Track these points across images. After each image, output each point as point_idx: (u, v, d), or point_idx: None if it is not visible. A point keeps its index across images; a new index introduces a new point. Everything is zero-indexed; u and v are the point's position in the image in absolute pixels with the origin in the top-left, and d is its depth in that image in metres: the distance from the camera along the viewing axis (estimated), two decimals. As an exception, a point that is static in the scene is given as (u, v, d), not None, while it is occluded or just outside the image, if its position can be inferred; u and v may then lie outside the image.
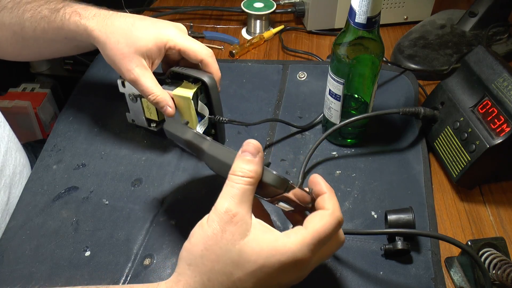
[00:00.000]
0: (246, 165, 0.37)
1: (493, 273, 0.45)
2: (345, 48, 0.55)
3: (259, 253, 0.34)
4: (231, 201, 0.36)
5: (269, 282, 0.35)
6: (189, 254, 0.36)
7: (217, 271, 0.35)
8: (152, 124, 0.63)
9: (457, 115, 0.59)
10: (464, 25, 0.81)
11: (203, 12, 0.96)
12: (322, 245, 0.36)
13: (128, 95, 0.61)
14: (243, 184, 0.36)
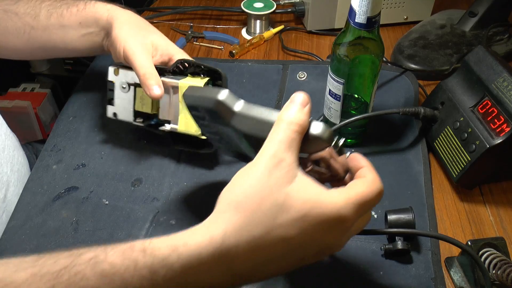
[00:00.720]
0: (295, 114, 0.36)
1: (493, 273, 0.45)
2: (345, 48, 0.55)
3: (304, 202, 0.33)
4: (279, 146, 0.34)
5: (311, 235, 0.33)
6: (231, 194, 0.35)
7: (261, 212, 0.33)
8: (138, 119, 0.59)
9: (457, 115, 0.59)
10: (464, 25, 0.81)
11: (203, 12, 0.96)
12: (364, 211, 0.35)
13: (121, 83, 0.58)
14: (292, 131, 0.35)
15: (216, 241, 0.33)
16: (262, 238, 0.32)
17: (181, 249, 0.33)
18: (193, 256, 0.33)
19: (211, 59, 0.82)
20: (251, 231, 0.33)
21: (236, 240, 0.32)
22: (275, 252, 0.33)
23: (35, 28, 0.59)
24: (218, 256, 0.33)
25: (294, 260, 0.35)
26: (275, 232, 0.32)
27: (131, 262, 0.33)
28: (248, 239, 0.33)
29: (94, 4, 0.58)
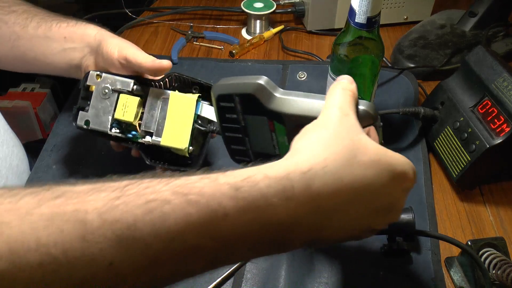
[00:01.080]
0: (347, 84, 0.36)
1: (493, 273, 0.45)
2: (345, 48, 0.55)
3: (378, 148, 0.33)
4: (343, 103, 0.34)
5: (383, 181, 0.32)
6: (306, 135, 0.33)
7: (343, 146, 0.32)
8: (114, 130, 0.54)
9: (457, 115, 0.59)
10: (464, 25, 0.81)
11: (203, 12, 0.96)
12: (412, 183, 0.35)
13: (102, 88, 0.53)
14: (348, 95, 0.35)
15: (304, 167, 0.30)
16: (346, 171, 0.31)
17: (267, 170, 0.30)
18: (280, 178, 0.30)
19: (211, 59, 0.82)
20: (336, 161, 0.31)
21: (323, 168, 0.30)
22: (356, 191, 0.31)
23: (21, 37, 0.58)
24: (306, 183, 0.30)
25: (369, 211, 0.33)
26: (356, 168, 0.31)
27: (211, 180, 0.29)
28: (334, 170, 0.30)
29: (85, 24, 0.58)
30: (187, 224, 0.27)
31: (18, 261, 0.24)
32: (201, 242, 0.28)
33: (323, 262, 0.51)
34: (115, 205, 0.27)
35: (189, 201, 0.28)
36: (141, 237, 0.26)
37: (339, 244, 0.52)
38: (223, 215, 0.28)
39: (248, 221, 0.29)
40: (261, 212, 0.29)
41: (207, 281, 0.49)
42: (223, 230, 0.28)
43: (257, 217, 0.29)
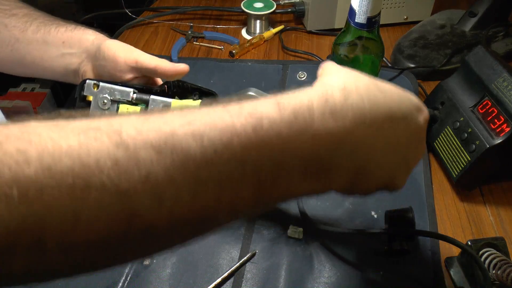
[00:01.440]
0: None
1: (493, 273, 0.45)
2: (345, 48, 0.55)
3: (397, 88, 0.33)
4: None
5: (407, 111, 0.33)
6: (323, 76, 0.32)
7: (365, 77, 0.31)
8: None
9: (457, 115, 0.59)
10: (464, 25, 0.81)
11: (203, 12, 0.96)
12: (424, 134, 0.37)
13: (101, 98, 0.53)
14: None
15: (339, 84, 0.30)
16: (373, 99, 0.30)
17: (299, 92, 0.29)
18: (319, 92, 0.29)
19: (211, 59, 0.82)
20: (363, 86, 0.30)
21: (356, 88, 0.30)
22: (390, 117, 0.31)
23: (20, 40, 0.58)
24: (345, 98, 0.29)
25: (399, 144, 0.33)
26: (381, 97, 0.31)
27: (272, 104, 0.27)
28: (369, 97, 0.30)
29: (84, 29, 0.58)
30: (232, 133, 0.25)
31: (47, 167, 0.22)
32: (246, 156, 0.25)
33: (323, 262, 0.51)
34: (150, 119, 0.25)
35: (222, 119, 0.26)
36: (180, 147, 0.24)
37: (339, 244, 0.52)
38: (268, 122, 0.26)
39: (296, 134, 0.27)
40: (309, 125, 0.27)
41: (207, 281, 0.49)
42: (272, 143, 0.26)
43: (304, 128, 0.27)
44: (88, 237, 0.23)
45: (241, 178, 0.26)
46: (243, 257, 0.52)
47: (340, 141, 0.29)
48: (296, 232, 0.54)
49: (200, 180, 0.24)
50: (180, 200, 0.24)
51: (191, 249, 0.52)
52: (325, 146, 0.28)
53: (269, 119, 0.26)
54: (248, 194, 0.26)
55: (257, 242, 0.53)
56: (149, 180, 0.23)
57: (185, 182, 0.24)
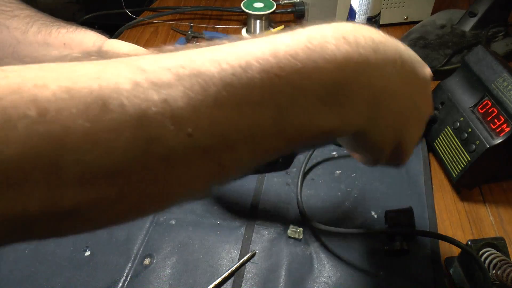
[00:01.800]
0: None
1: (493, 273, 0.45)
2: (345, 48, 0.55)
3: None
4: None
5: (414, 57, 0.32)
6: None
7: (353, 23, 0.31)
8: None
9: (457, 115, 0.59)
10: (464, 25, 0.81)
11: (203, 12, 0.96)
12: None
13: None
14: None
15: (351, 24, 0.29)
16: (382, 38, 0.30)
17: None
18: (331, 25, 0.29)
19: (211, 59, 0.82)
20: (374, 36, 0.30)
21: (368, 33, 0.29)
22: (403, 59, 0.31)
23: (21, 42, 0.58)
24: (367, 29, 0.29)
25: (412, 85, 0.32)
26: (391, 41, 0.31)
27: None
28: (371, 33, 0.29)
29: (85, 31, 0.58)
30: (251, 57, 0.25)
31: (65, 89, 0.21)
32: (264, 79, 0.25)
33: (323, 262, 0.51)
34: (166, 52, 0.25)
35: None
36: (198, 71, 0.24)
37: (339, 244, 0.52)
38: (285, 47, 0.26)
39: (312, 57, 0.26)
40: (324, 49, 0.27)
41: (207, 281, 0.49)
42: (290, 65, 0.26)
43: (320, 52, 0.27)
44: (105, 163, 0.22)
45: (260, 102, 0.25)
46: (243, 257, 0.52)
47: (356, 66, 0.28)
48: (296, 232, 0.54)
49: (218, 104, 0.24)
50: (198, 125, 0.23)
51: (191, 249, 0.52)
52: (342, 70, 0.28)
53: (285, 44, 0.26)
54: (268, 120, 0.26)
55: (257, 242, 0.53)
56: (168, 103, 0.23)
57: (203, 106, 0.23)
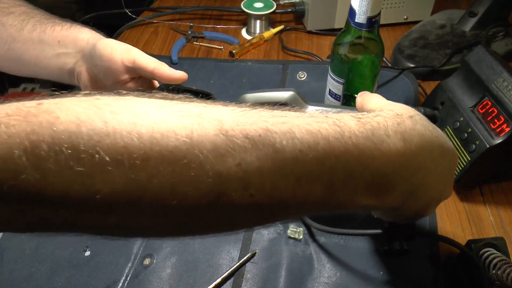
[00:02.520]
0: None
1: (493, 273, 0.45)
2: (345, 48, 0.55)
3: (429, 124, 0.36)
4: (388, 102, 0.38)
5: (446, 146, 0.36)
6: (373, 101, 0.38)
7: (420, 115, 0.35)
8: None
9: (457, 115, 0.59)
10: (464, 25, 0.81)
11: (203, 12, 0.96)
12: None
13: None
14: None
15: (410, 114, 0.34)
16: (425, 129, 0.34)
17: (382, 113, 0.34)
18: (393, 115, 0.33)
19: (211, 59, 0.82)
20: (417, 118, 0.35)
21: (415, 121, 0.34)
22: (434, 150, 0.34)
23: (16, 40, 0.58)
24: (412, 124, 0.33)
25: (443, 173, 0.37)
26: (430, 130, 0.35)
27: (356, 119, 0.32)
28: (420, 121, 0.34)
29: (80, 28, 0.57)
30: (318, 137, 0.28)
31: (155, 141, 0.24)
32: (326, 159, 0.28)
33: (323, 262, 0.51)
34: (247, 113, 0.28)
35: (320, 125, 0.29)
36: (272, 142, 0.27)
37: (339, 244, 0.52)
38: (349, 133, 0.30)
39: (370, 148, 0.30)
40: (383, 142, 0.31)
41: (207, 281, 0.49)
42: (350, 152, 0.29)
43: (379, 144, 0.31)
44: (178, 205, 0.25)
45: (317, 178, 0.29)
46: (243, 257, 0.52)
47: (405, 162, 0.32)
48: (296, 232, 0.54)
49: (283, 174, 0.27)
50: (262, 189, 0.27)
51: (191, 249, 0.52)
52: (392, 164, 0.32)
53: (350, 130, 0.30)
54: (319, 193, 0.29)
55: (257, 242, 0.53)
56: (241, 167, 0.26)
57: (270, 174, 0.27)
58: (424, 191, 0.35)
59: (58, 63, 0.57)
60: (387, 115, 0.33)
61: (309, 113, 0.31)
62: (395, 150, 0.31)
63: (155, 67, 0.52)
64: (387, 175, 0.32)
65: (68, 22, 0.58)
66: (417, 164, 0.33)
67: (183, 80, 0.52)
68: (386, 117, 0.33)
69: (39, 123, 0.22)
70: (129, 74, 0.54)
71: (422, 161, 0.33)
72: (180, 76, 0.52)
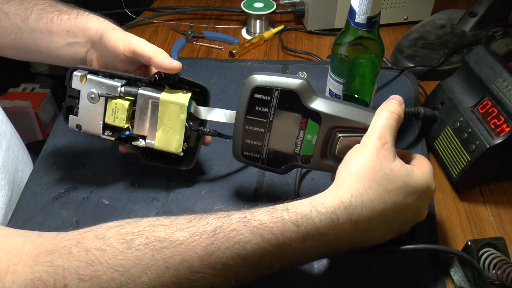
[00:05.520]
0: (396, 107, 0.45)
1: (493, 273, 0.45)
2: (345, 48, 0.55)
3: (405, 174, 0.42)
4: (384, 131, 0.43)
5: (410, 201, 0.42)
6: (349, 167, 0.42)
7: (375, 181, 0.41)
8: (107, 133, 0.54)
9: (457, 115, 0.59)
10: (464, 25, 0.81)
11: (203, 12, 0.96)
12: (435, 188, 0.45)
13: (89, 93, 0.52)
14: (393, 120, 0.44)
15: (346, 203, 0.40)
16: (378, 202, 0.40)
17: (319, 207, 0.40)
18: (329, 213, 0.39)
19: (211, 59, 0.82)
20: (370, 195, 0.40)
21: (361, 202, 0.40)
22: (386, 215, 0.41)
23: (22, 29, 0.58)
24: (348, 215, 0.40)
25: (398, 223, 0.43)
26: (387, 197, 0.41)
27: (278, 219, 0.39)
28: (368, 203, 0.40)
29: (87, 16, 0.57)
30: (264, 254, 0.39)
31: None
32: (273, 263, 0.39)
33: (323, 262, 0.51)
34: (212, 251, 0.37)
35: (264, 239, 0.38)
36: (232, 268, 0.38)
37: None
38: (289, 245, 0.39)
39: (306, 247, 0.39)
40: (316, 239, 0.39)
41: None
42: (289, 254, 0.40)
43: (312, 243, 0.39)
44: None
45: (270, 271, 0.41)
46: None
47: (339, 243, 0.41)
48: (296, 232, 0.54)
49: (245, 278, 0.40)
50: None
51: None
52: (329, 248, 0.41)
53: (290, 242, 0.39)
54: (274, 271, 0.41)
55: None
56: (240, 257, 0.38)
57: (235, 283, 0.40)
58: (370, 241, 0.43)
59: (69, 52, 0.58)
60: (323, 216, 0.39)
61: (261, 236, 0.39)
62: (330, 240, 0.40)
63: (151, 57, 0.52)
64: (325, 253, 0.44)
65: (74, 9, 0.58)
66: (354, 238, 0.41)
67: (177, 69, 0.52)
68: (322, 219, 0.39)
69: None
70: (132, 64, 0.55)
71: (359, 236, 0.41)
72: (174, 66, 0.51)
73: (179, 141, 0.53)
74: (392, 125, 0.44)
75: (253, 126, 0.48)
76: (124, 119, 0.52)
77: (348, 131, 0.46)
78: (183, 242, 0.37)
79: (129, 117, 0.53)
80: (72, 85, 0.52)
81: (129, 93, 0.52)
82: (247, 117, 0.47)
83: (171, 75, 0.52)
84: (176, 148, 0.53)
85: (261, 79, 0.46)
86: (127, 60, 0.54)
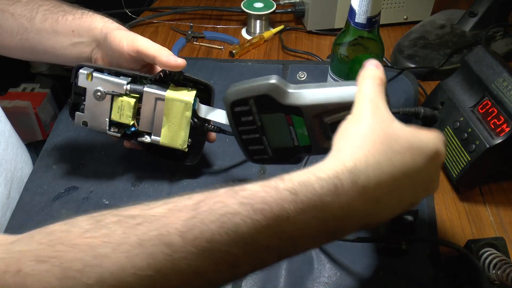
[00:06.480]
0: (377, 71, 0.40)
1: (493, 273, 0.45)
2: (345, 48, 0.55)
3: (409, 133, 0.36)
4: (372, 95, 0.38)
5: (420, 163, 0.36)
6: (347, 135, 0.37)
7: (379, 141, 0.35)
8: (113, 129, 0.55)
9: (457, 115, 0.59)
10: (464, 25, 0.81)
11: (203, 12, 0.96)
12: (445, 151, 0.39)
13: (95, 91, 0.52)
14: (377, 84, 0.39)
15: (349, 166, 0.34)
16: (385, 163, 0.35)
17: (318, 173, 0.33)
18: (331, 178, 0.33)
19: (211, 59, 0.82)
20: (376, 156, 0.34)
21: (366, 166, 0.34)
22: (397, 177, 0.35)
23: (28, 30, 0.58)
24: (353, 180, 0.33)
25: (410, 190, 0.37)
26: (394, 158, 0.35)
27: (271, 188, 0.33)
28: (375, 165, 0.34)
29: (92, 15, 0.58)
30: (257, 230, 0.31)
31: (122, 285, 0.29)
32: (270, 242, 0.32)
33: (323, 262, 0.51)
34: (193, 224, 0.31)
35: (256, 209, 0.31)
36: (219, 247, 0.31)
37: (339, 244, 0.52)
38: (286, 217, 0.32)
39: (307, 219, 0.32)
40: (318, 210, 0.32)
41: (207, 281, 0.49)
42: (287, 230, 0.32)
43: (315, 215, 0.32)
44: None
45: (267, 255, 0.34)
46: (243, 257, 0.52)
47: (347, 216, 0.34)
48: (296, 232, 0.54)
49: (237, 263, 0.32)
50: (222, 279, 0.33)
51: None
52: (334, 222, 0.34)
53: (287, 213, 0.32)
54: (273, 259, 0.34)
55: (257, 242, 0.53)
56: (199, 275, 0.31)
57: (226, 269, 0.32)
58: (381, 215, 0.37)
59: (75, 52, 0.59)
60: (325, 182, 0.33)
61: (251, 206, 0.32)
62: (335, 211, 0.33)
63: (155, 55, 0.52)
64: (331, 230, 0.35)
65: (78, 9, 0.59)
66: (363, 209, 0.34)
67: (181, 66, 0.52)
68: (323, 185, 0.33)
69: None
70: (136, 63, 0.55)
71: (369, 206, 0.35)
72: (178, 64, 0.52)
73: (184, 137, 0.54)
74: (378, 90, 0.39)
75: (248, 134, 0.48)
76: (130, 116, 0.53)
77: (334, 112, 0.43)
78: (160, 217, 0.31)
79: (135, 114, 0.54)
80: (79, 83, 0.53)
81: (135, 91, 0.53)
82: (239, 129, 0.48)
83: (176, 73, 0.53)
84: (181, 144, 0.54)
85: (234, 93, 0.46)
86: (131, 59, 0.54)
